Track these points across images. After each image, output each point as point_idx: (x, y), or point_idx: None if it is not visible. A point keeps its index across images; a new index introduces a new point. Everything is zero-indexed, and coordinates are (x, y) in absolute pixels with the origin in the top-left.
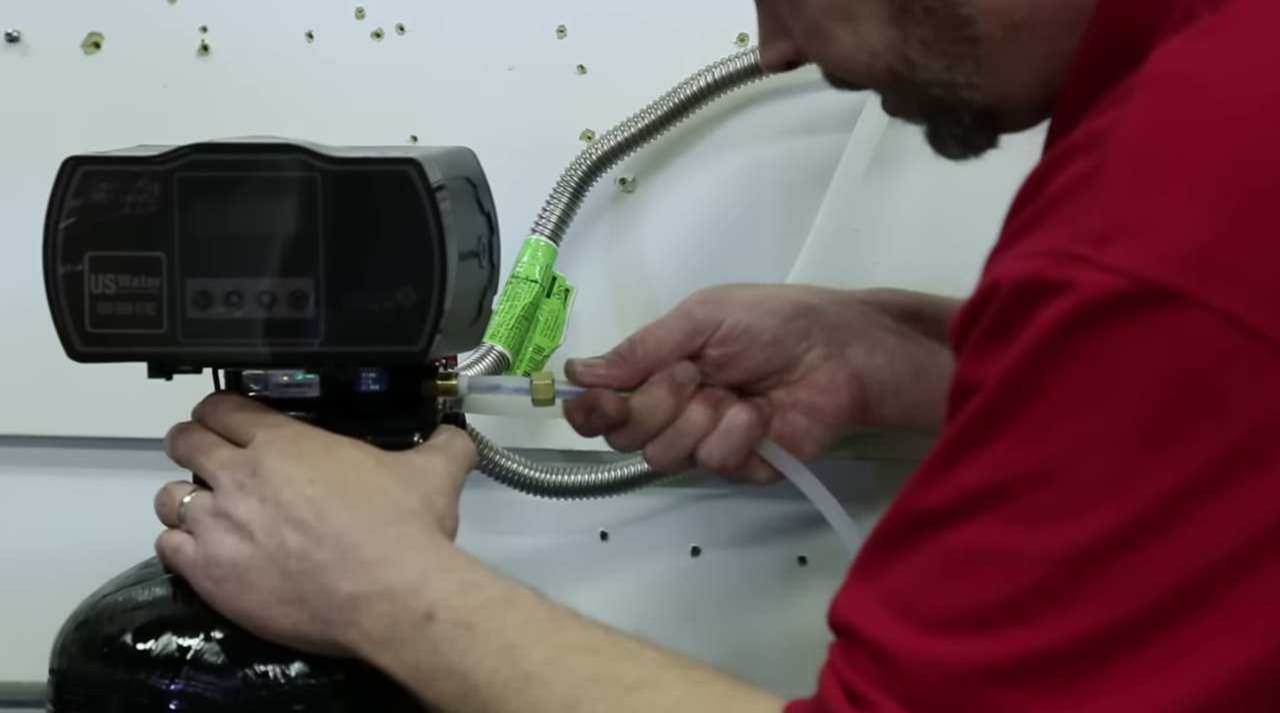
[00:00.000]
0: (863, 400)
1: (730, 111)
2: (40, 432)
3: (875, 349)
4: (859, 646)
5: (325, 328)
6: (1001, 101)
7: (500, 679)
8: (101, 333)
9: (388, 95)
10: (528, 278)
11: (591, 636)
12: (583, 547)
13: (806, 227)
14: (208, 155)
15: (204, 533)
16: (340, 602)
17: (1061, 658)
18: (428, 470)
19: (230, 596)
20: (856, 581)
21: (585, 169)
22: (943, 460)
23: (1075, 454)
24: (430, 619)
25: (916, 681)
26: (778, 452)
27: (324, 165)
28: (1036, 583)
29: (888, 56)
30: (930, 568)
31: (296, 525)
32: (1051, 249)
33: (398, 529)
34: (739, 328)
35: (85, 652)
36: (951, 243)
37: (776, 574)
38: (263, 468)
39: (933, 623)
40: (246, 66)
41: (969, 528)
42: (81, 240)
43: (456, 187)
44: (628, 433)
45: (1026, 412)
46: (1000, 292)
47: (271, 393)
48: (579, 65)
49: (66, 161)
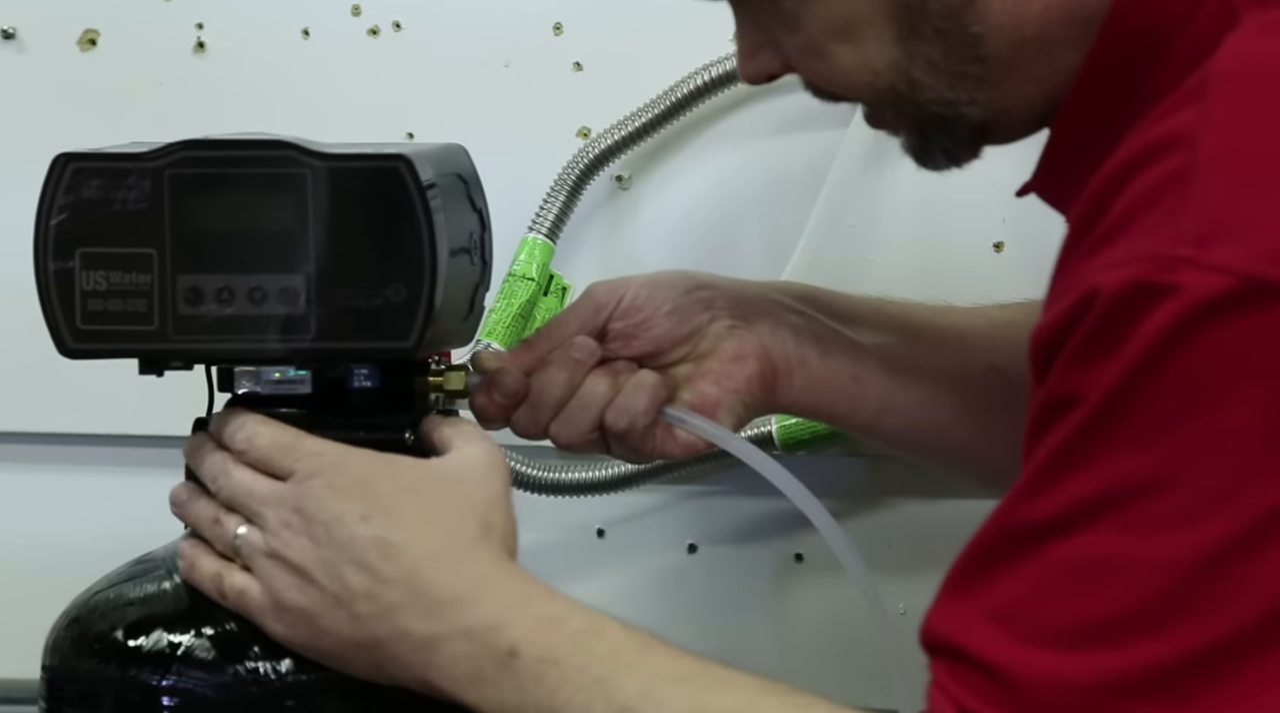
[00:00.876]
0: (771, 371)
1: (726, 109)
2: (33, 429)
3: (779, 324)
4: (967, 664)
5: (316, 324)
6: (999, 116)
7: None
8: (93, 329)
9: (384, 92)
10: (525, 276)
11: (683, 665)
12: (579, 544)
13: (802, 224)
14: (198, 152)
15: (264, 575)
16: (417, 644)
17: (1192, 666)
18: (478, 487)
19: (307, 641)
20: (954, 597)
21: (582, 167)
22: (1048, 472)
23: (1193, 458)
24: (514, 657)
25: (1042, 699)
26: (689, 415)
27: (314, 162)
28: (1160, 591)
29: (890, 76)
30: (1044, 581)
31: (359, 567)
32: (1151, 253)
33: (467, 564)
34: (640, 298)
35: (77, 649)
36: (947, 239)
37: (772, 571)
38: (309, 506)
39: (1053, 638)
40: (242, 63)
41: (1084, 538)
42: (73, 237)
43: (447, 183)
44: (529, 413)
45: (1140, 418)
46: (1099, 300)
47: (264, 389)
48: (575, 62)
49: (57, 158)
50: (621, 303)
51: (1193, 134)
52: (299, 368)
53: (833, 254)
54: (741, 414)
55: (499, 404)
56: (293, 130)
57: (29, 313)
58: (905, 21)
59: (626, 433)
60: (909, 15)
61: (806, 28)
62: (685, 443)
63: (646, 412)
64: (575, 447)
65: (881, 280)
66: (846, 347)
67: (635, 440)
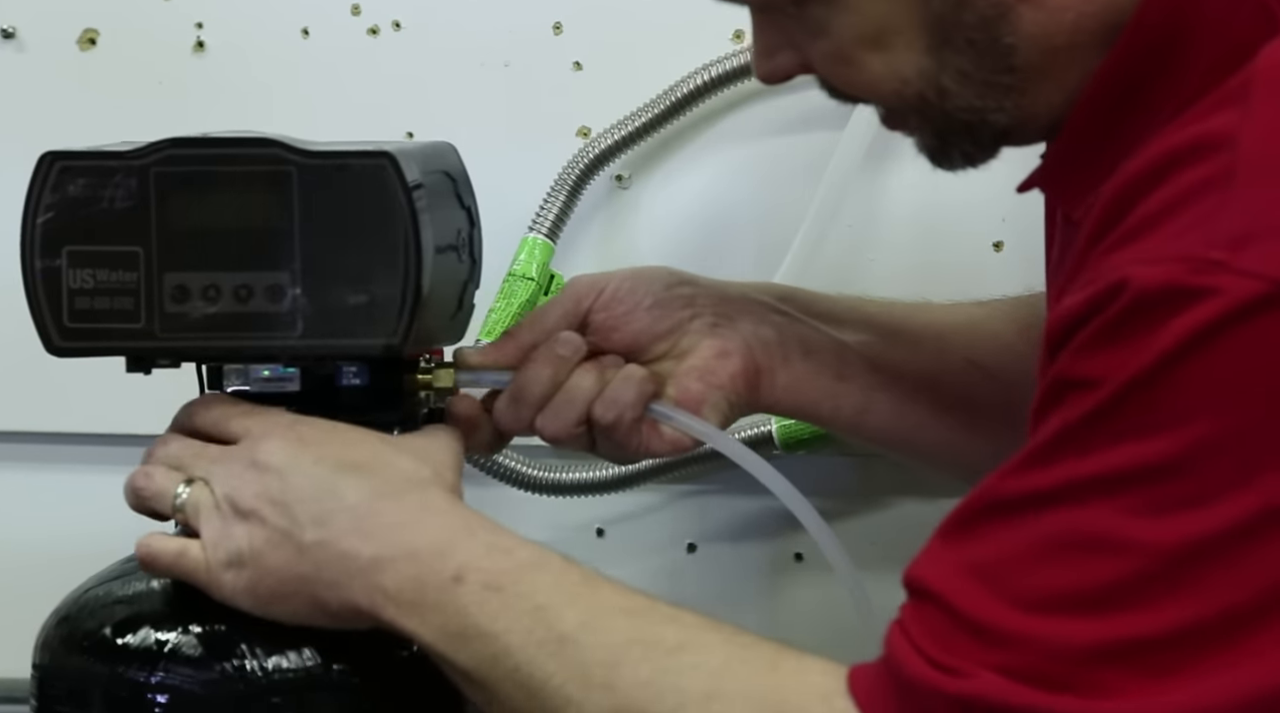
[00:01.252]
0: (754, 368)
1: (725, 108)
2: (20, 427)
3: (762, 322)
4: (936, 608)
5: (302, 321)
6: (1024, 122)
7: (534, 641)
8: (80, 328)
9: (383, 92)
10: (525, 276)
11: (628, 599)
12: (579, 543)
13: (799, 221)
14: (184, 150)
15: (210, 528)
16: (362, 566)
17: (1168, 642)
18: (434, 446)
19: (250, 585)
20: (939, 545)
21: (582, 167)
22: (1051, 448)
23: (1204, 451)
24: (459, 582)
25: (1014, 654)
26: (676, 411)
27: (299, 159)
28: (1144, 571)
29: (920, 84)
30: (1030, 545)
31: (309, 499)
32: (1186, 255)
33: (416, 495)
34: (622, 291)
35: (66, 646)
36: (948, 239)
37: (772, 571)
38: (262, 456)
39: (1035, 601)
40: (242, 63)
41: (1078, 512)
42: (59, 235)
43: (433, 181)
44: (514, 409)
45: (1155, 408)
46: (1127, 292)
47: (252, 387)
48: (575, 62)
49: (44, 157)
50: (603, 295)
51: (1234, 137)
52: (286, 365)
53: (830, 254)
54: (726, 411)
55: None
56: (292, 130)
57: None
58: (938, 31)
59: (614, 426)
60: (941, 25)
61: (834, 35)
62: (672, 440)
63: (634, 405)
64: (560, 441)
65: (880, 280)
66: (830, 345)
67: (622, 435)
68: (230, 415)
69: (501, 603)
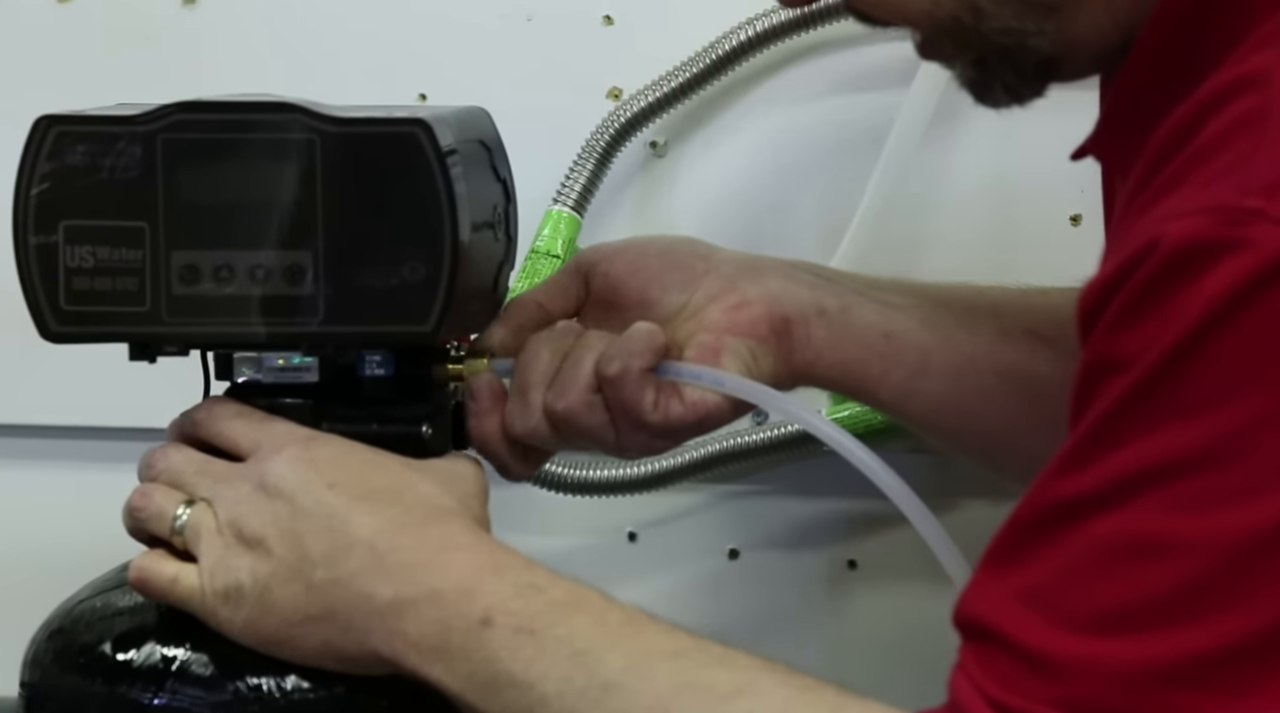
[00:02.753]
0: (783, 318)
1: (773, 68)
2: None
3: (791, 280)
4: (996, 646)
5: (325, 306)
6: (1070, 49)
7: (574, 690)
8: (78, 311)
9: (394, 48)
10: (549, 253)
11: (674, 640)
12: (609, 549)
13: (858, 194)
14: (195, 115)
15: (211, 555)
16: (380, 609)
17: (1237, 654)
18: (458, 474)
19: (250, 622)
20: (988, 575)
21: (612, 132)
22: (1091, 442)
23: (1251, 431)
24: (487, 625)
25: (1076, 686)
26: (687, 366)
27: (324, 126)
28: (1205, 574)
29: (952, 4)
30: (1081, 560)
31: (321, 532)
32: (1216, 204)
33: (439, 528)
34: (628, 243)
35: (60, 663)
36: (1019, 211)
37: (823, 580)
38: (272, 477)
39: (1089, 622)
40: (237, 16)
41: (1126, 515)
42: (56, 208)
43: (469, 150)
44: (521, 399)
45: (1195, 386)
46: (1154, 255)
47: (266, 377)
48: (605, 15)
49: (39, 121)
50: (608, 247)
51: (1270, 74)
52: (305, 354)
53: (893, 228)
54: (749, 360)
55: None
56: (294, 91)
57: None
58: None
59: (620, 380)
60: None
61: None
62: (692, 401)
63: (640, 353)
64: (574, 413)
65: (948, 257)
66: (873, 304)
67: (630, 393)
68: (239, 426)
69: (536, 648)
